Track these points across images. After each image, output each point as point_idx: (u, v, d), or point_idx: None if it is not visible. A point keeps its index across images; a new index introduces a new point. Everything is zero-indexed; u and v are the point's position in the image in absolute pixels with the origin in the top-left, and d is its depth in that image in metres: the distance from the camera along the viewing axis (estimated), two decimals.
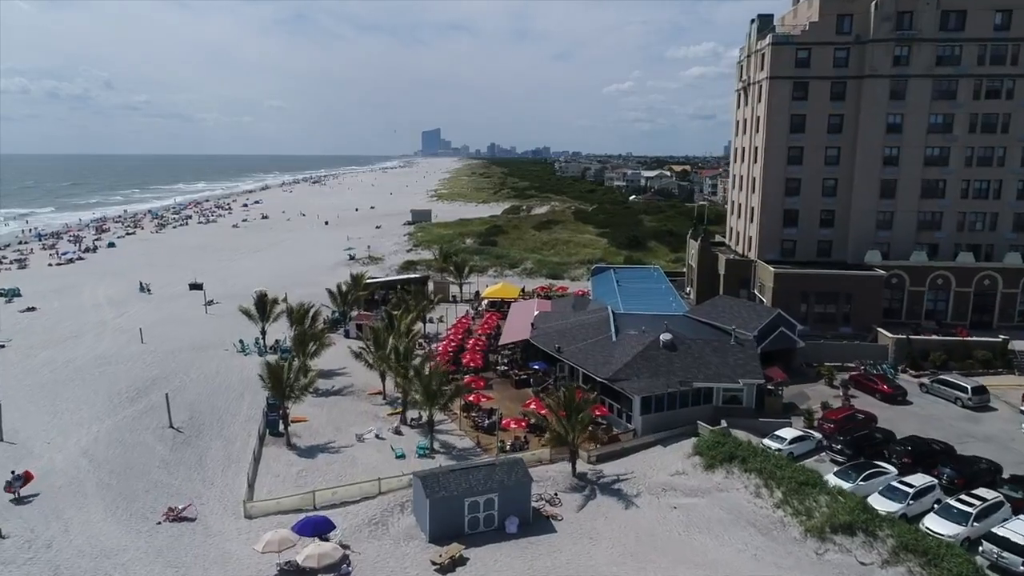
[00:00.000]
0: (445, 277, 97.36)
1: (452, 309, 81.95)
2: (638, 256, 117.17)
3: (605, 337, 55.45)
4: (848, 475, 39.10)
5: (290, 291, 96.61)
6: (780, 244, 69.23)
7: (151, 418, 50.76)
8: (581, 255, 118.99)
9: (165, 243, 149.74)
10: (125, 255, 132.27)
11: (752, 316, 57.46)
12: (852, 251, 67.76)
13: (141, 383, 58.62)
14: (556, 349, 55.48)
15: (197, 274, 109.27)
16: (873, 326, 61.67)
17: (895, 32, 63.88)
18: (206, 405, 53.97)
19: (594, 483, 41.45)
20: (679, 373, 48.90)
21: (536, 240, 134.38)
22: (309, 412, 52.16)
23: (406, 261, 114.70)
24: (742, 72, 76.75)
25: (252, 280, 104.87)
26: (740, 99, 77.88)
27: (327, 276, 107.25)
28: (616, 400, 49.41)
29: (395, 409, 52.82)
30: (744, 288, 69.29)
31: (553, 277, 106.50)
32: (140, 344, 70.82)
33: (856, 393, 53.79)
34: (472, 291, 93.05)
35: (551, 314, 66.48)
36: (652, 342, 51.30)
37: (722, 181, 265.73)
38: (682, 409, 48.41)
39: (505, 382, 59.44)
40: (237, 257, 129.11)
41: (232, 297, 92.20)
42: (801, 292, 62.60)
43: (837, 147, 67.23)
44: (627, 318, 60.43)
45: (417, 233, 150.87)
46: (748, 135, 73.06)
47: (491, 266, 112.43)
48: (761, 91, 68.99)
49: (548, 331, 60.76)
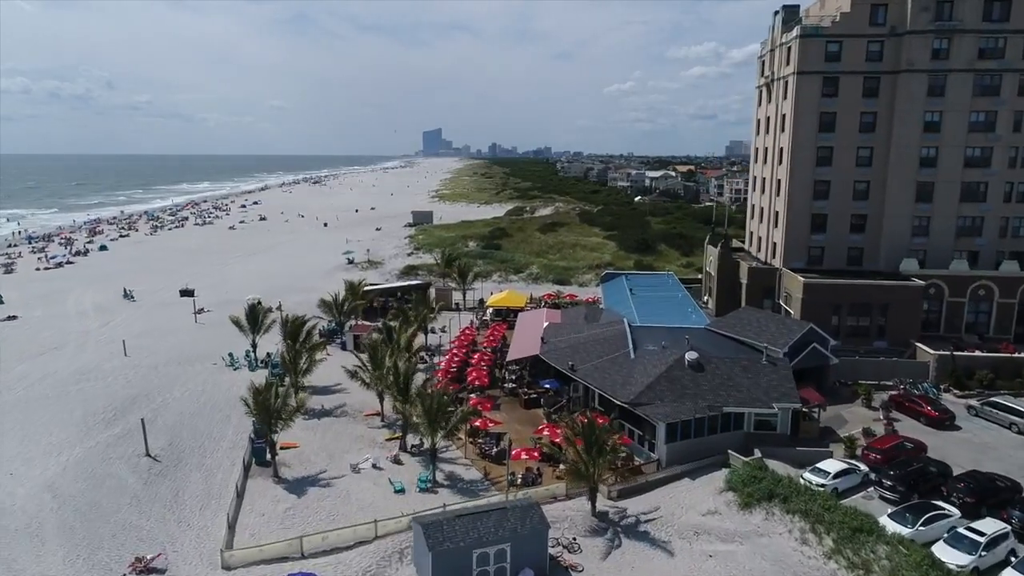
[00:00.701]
0: (447, 283, 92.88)
1: (455, 318, 77.45)
2: (648, 261, 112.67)
3: (623, 354, 50.94)
4: (905, 518, 34.54)
5: (285, 298, 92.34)
6: (807, 251, 64.56)
7: (127, 444, 46.26)
8: (588, 259, 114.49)
9: (159, 246, 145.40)
10: (117, 259, 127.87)
11: (781, 330, 52.90)
12: (885, 259, 63.16)
13: (120, 402, 54.17)
14: (569, 367, 50.97)
15: (189, 279, 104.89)
16: (911, 341, 57.12)
17: (934, 23, 59.23)
18: (188, 429, 49.47)
19: (617, 524, 36.91)
20: (707, 396, 44.37)
21: (541, 243, 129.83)
22: (300, 436, 47.66)
23: (407, 266, 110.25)
24: (764, 68, 72.11)
25: (246, 285, 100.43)
26: (762, 96, 73.26)
27: (324, 281, 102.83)
28: (637, 426, 44.89)
29: (394, 434, 48.34)
30: (768, 298, 64.71)
31: (560, 283, 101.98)
32: (123, 357, 66.39)
33: (898, 416, 49.27)
34: (476, 298, 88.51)
35: (562, 326, 61.97)
36: (676, 361, 46.75)
37: (728, 181, 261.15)
38: (710, 436, 43.89)
39: (513, 401, 54.98)
40: (232, 261, 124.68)
41: (224, 304, 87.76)
42: (832, 304, 57.98)
43: (870, 147, 62.55)
44: (644, 331, 55.95)
45: (418, 236, 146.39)
46: (772, 134, 68.47)
47: (495, 271, 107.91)
48: (787, 87, 64.39)
49: (559, 346, 56.26)
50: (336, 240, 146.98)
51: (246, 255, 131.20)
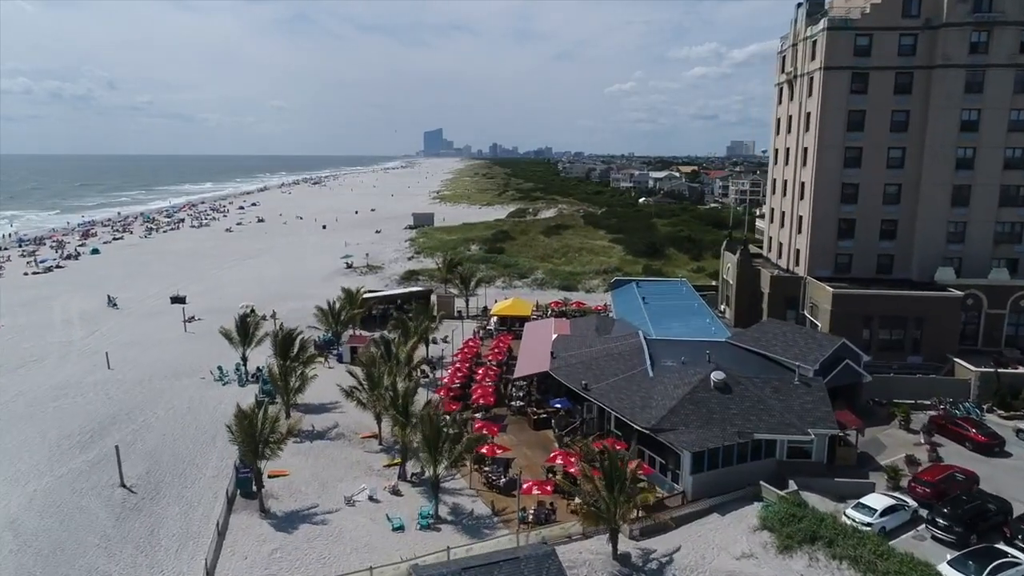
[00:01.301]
0: (449, 290, 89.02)
1: (458, 328, 73.52)
2: (657, 265, 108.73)
3: (640, 371, 47.02)
4: (968, 567, 30.62)
5: (280, 305, 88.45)
6: (834, 258, 60.57)
7: (101, 472, 42.42)
8: (595, 264, 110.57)
9: (152, 249, 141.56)
10: (108, 263, 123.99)
11: (811, 345, 48.93)
12: (918, 267, 59.19)
13: (99, 422, 50.37)
14: (583, 386, 47.04)
15: (181, 285, 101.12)
16: (948, 356, 53.17)
17: (972, 15, 55.27)
18: (169, 453, 45.62)
19: (642, 570, 32.99)
20: (735, 421, 40.42)
21: (546, 247, 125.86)
22: (290, 463, 43.77)
23: (407, 271, 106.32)
24: (785, 64, 68.11)
25: (240, 292, 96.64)
26: (782, 94, 69.27)
27: (322, 287, 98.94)
28: (658, 453, 40.97)
29: (392, 459, 44.45)
30: (791, 308, 60.76)
31: (566, 288, 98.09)
32: (107, 370, 62.69)
33: (940, 440, 45.32)
34: (479, 306, 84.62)
35: (572, 339, 58.02)
36: (701, 382, 42.80)
37: (734, 182, 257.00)
38: (739, 465, 39.97)
39: (521, 421, 51.11)
40: (227, 265, 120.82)
41: (216, 312, 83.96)
42: (864, 316, 53.97)
43: (901, 147, 58.54)
44: (662, 346, 52.01)
45: (419, 239, 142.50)
46: (795, 134, 64.48)
47: (499, 276, 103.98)
48: (812, 84, 60.42)
49: (571, 361, 52.34)
50: (335, 243, 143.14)
51: (242, 259, 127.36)
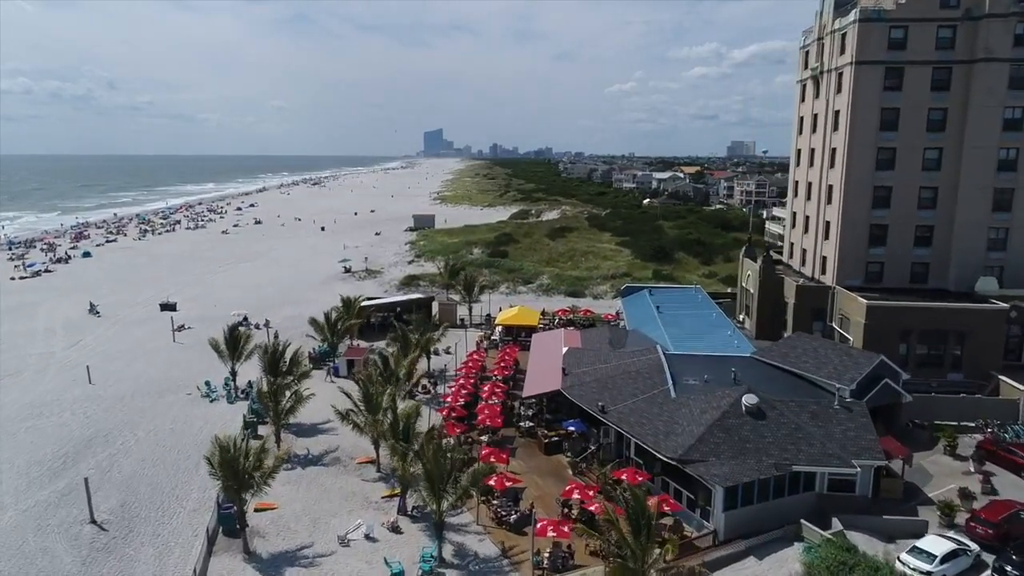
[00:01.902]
0: (451, 297, 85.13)
1: (461, 337, 69.58)
2: (667, 270, 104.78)
3: (661, 392, 43.12)
4: None
5: (275, 312, 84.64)
6: (864, 267, 56.60)
7: (71, 505, 38.60)
8: (603, 268, 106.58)
9: (145, 252, 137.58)
10: (99, 267, 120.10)
11: (846, 362, 44.98)
12: (955, 276, 55.26)
13: (73, 446, 46.56)
14: (599, 408, 43.12)
15: (172, 290, 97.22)
16: (991, 372, 49.25)
17: (1017, 4, 51.30)
18: (147, 482, 41.73)
19: None
20: (772, 451, 36.48)
21: (551, 250, 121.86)
22: (280, 494, 39.86)
23: (407, 276, 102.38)
24: (808, 59, 64.15)
25: (234, 298, 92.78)
26: (805, 91, 65.30)
27: (319, 292, 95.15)
28: (685, 485, 37.06)
29: (392, 490, 40.53)
30: (818, 320, 56.83)
31: (573, 295, 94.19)
32: (87, 385, 58.89)
33: (990, 468, 41.38)
34: (483, 313, 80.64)
35: (584, 353, 54.09)
36: (731, 406, 38.85)
37: (739, 183, 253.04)
38: (776, 500, 36.07)
39: (531, 444, 47.17)
40: (221, 269, 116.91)
41: (208, 320, 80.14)
42: (900, 330, 50.00)
43: (938, 148, 54.61)
44: (682, 361, 48.10)
45: (420, 241, 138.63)
46: (821, 133, 60.52)
47: (503, 281, 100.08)
48: (841, 80, 56.45)
49: (584, 379, 48.42)
50: (333, 245, 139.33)
51: (237, 262, 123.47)
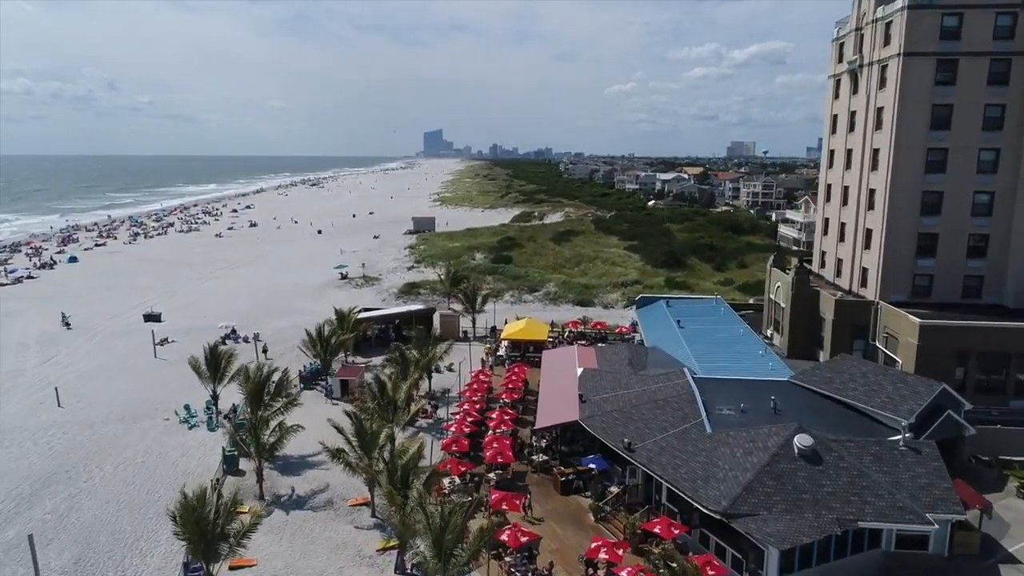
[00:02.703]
0: (452, 307, 79.98)
1: (465, 352, 64.28)
2: (679, 277, 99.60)
3: (694, 425, 37.92)
4: None
5: (266, 323, 79.43)
6: (911, 280, 51.36)
7: (17, 562, 33.34)
8: (612, 275, 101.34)
9: (135, 256, 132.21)
10: (85, 272, 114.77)
11: (902, 391, 39.76)
12: (1014, 291, 50.02)
13: (30, 485, 41.44)
14: (625, 446, 37.89)
15: (159, 299, 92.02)
16: None
17: None
18: (108, 531, 36.58)
19: None
20: (832, 503, 31.24)
21: (556, 255, 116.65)
22: (259, 545, 34.68)
23: (407, 283, 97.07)
24: (843, 52, 58.93)
25: (223, 307, 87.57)
26: (839, 87, 60.08)
27: (314, 301, 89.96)
28: (729, 540, 31.84)
29: (388, 540, 35.35)
30: (859, 338, 51.60)
31: (582, 304, 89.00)
32: (55, 410, 53.74)
33: None
34: (487, 324, 75.38)
35: (602, 375, 48.80)
36: (782, 447, 33.59)
37: (745, 185, 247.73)
38: (837, 561, 30.98)
39: (545, 482, 41.93)
40: (212, 275, 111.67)
41: (194, 332, 75.01)
42: (958, 352, 44.77)
43: (995, 148, 49.38)
44: (713, 387, 42.99)
45: (420, 246, 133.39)
46: (860, 133, 55.29)
47: (507, 289, 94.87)
48: (886, 74, 51.25)
49: (603, 407, 43.21)
50: (330, 250, 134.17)
51: (229, 268, 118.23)
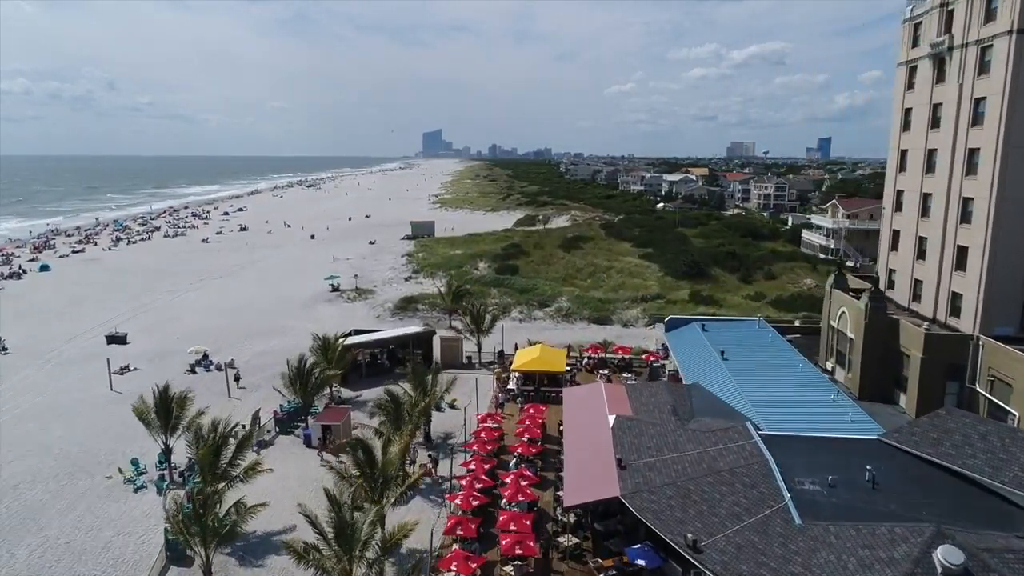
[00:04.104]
0: (454, 325, 70.81)
1: (470, 381, 54.93)
2: (704, 290, 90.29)
3: (776, 512, 28.70)
4: None
5: (244, 346, 70.13)
6: (1021, 310, 42.18)
7: None
8: (630, 288, 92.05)
9: (113, 265, 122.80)
10: (55, 283, 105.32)
11: None
12: None
13: None
14: (689, 543, 28.58)
15: (129, 315, 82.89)
16: None
17: None
18: None
19: None
20: None
21: (566, 265, 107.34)
22: None
23: (403, 298, 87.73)
24: (920, 33, 49.75)
25: (199, 325, 78.41)
26: (914, 75, 50.89)
27: (299, 318, 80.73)
28: None
29: None
30: (953, 380, 42.38)
31: (599, 321, 79.74)
32: None
33: None
34: (494, 348, 66.05)
35: (642, 428, 39.37)
36: (916, 562, 24.31)
37: (756, 186, 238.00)
38: None
39: (575, 573, 32.74)
40: (193, 286, 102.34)
41: (162, 357, 66.05)
42: None
43: None
44: (785, 448, 33.90)
45: (418, 253, 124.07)
46: (947, 130, 46.10)
47: (515, 304, 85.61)
48: (987, 57, 42.11)
49: (650, 477, 33.86)
50: (322, 257, 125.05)
51: (211, 278, 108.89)
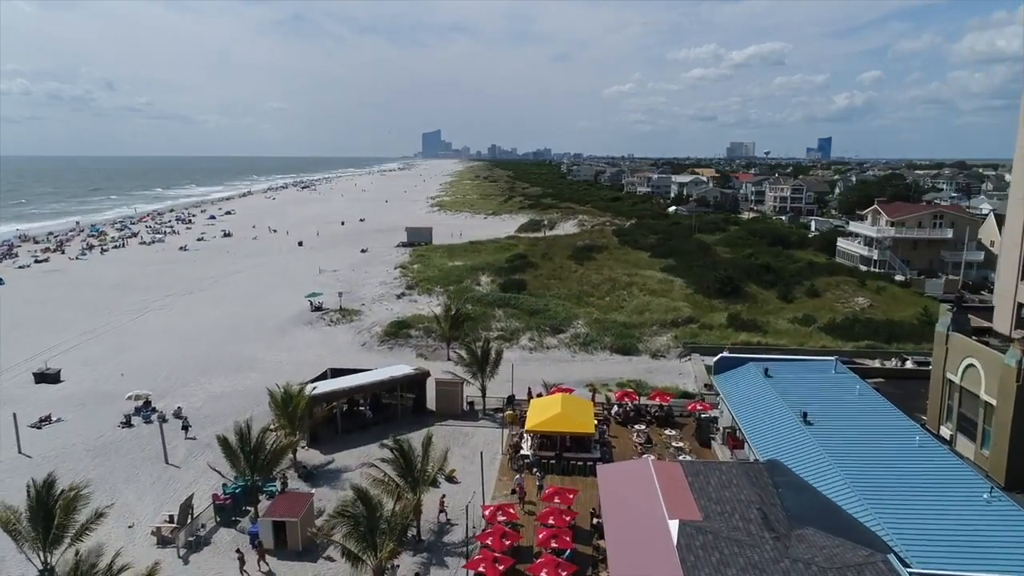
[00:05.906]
0: (452, 357, 58.88)
1: (472, 437, 43.00)
2: (742, 312, 78.13)
3: None
4: None
5: (200, 385, 57.82)
6: None
7: None
8: (656, 309, 79.79)
9: (75, 277, 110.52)
10: (4, 300, 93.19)
11: None
12: None
13: None
14: None
15: (75, 343, 70.75)
16: None
17: None
18: None
19: None
20: None
21: (580, 280, 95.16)
22: None
23: (393, 322, 75.35)
24: None
25: (153, 354, 66.36)
26: None
27: (271, 347, 68.65)
28: None
29: None
30: None
31: (623, 351, 67.68)
32: None
33: None
34: (500, 390, 53.98)
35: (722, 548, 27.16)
36: None
37: (771, 188, 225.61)
38: None
39: None
40: (159, 303, 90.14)
41: (96, 401, 54.34)
42: None
43: None
44: None
45: (413, 265, 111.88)
46: None
47: (523, 329, 73.47)
48: None
49: None
50: (308, 267, 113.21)
51: (181, 293, 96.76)
